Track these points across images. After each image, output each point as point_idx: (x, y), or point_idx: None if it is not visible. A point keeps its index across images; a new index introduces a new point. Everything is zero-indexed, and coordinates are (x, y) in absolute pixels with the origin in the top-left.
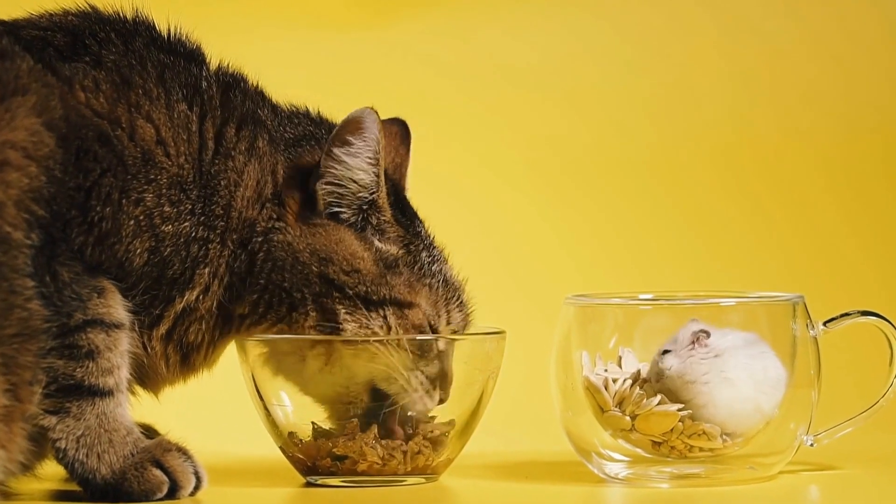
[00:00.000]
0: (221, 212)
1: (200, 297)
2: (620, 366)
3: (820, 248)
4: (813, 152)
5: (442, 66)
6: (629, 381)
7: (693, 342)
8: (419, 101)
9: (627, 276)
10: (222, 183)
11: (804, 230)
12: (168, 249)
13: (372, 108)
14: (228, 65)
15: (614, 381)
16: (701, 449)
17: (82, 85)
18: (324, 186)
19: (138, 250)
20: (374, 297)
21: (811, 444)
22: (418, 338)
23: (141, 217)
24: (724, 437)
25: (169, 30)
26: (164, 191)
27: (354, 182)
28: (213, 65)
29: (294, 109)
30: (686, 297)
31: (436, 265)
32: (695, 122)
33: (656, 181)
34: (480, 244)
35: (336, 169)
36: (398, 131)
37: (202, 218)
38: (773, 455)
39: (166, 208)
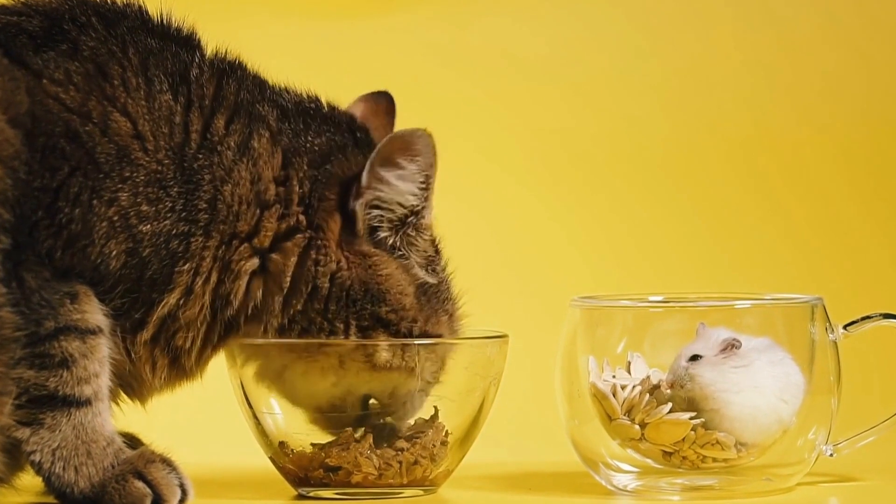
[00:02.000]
0: (205, 205)
1: (183, 300)
2: (629, 371)
3: (840, 246)
4: (834, 145)
5: (443, 55)
6: (638, 388)
7: (725, 350)
8: (419, 91)
9: (637, 277)
10: (206, 178)
11: (824, 228)
12: (147, 250)
13: (427, 131)
14: (225, 52)
15: (623, 387)
16: (714, 459)
17: (52, 78)
18: (367, 210)
19: (114, 252)
20: (411, 335)
21: (831, 455)
22: (417, 342)
23: (115, 217)
24: (739, 446)
25: (161, 14)
26: (142, 188)
27: (401, 206)
28: (210, 52)
29: (305, 106)
30: (699, 298)
31: (447, 282)
32: (710, 113)
33: (668, 176)
34: (482, 242)
35: (381, 190)
36: (386, 107)
37: (183, 214)
38: (790, 466)
39: (143, 207)
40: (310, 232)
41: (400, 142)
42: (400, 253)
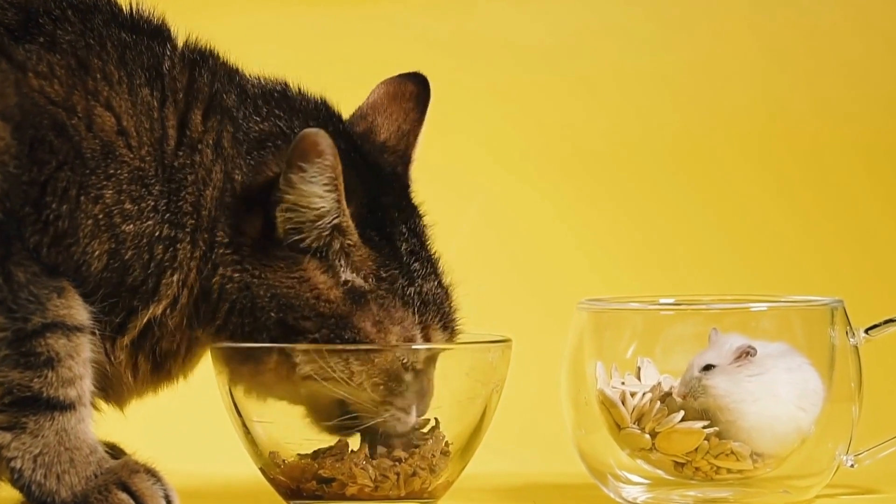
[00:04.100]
0: (190, 209)
1: (168, 310)
2: (639, 378)
3: (861, 246)
4: (854, 139)
5: (441, 45)
6: (649, 395)
7: (739, 358)
8: None
9: (647, 278)
10: (189, 178)
11: (844, 226)
12: (129, 252)
13: (322, 130)
14: (196, 40)
15: (632, 394)
16: (729, 470)
17: (36, 70)
18: (282, 213)
19: (96, 252)
20: (338, 342)
21: (851, 465)
22: (415, 346)
23: (100, 215)
24: (755, 457)
25: (131, 4)
26: (125, 186)
27: (312, 209)
28: (181, 42)
29: (268, 89)
30: (712, 301)
31: (413, 286)
32: (723, 105)
33: (679, 171)
34: (483, 242)
35: (291, 195)
36: (413, 91)
37: (167, 215)
38: (809, 477)
39: (127, 206)
40: (231, 234)
41: (305, 142)
42: (321, 255)
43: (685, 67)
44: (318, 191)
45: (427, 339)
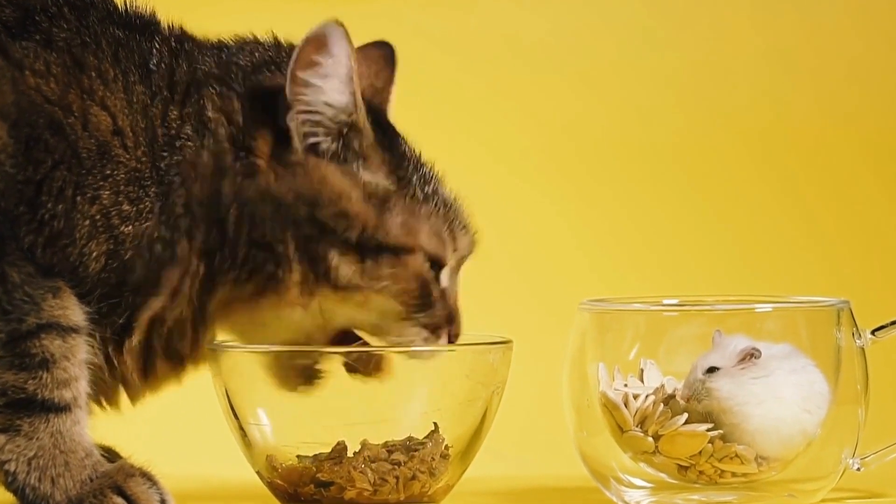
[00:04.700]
0: (182, 210)
1: (171, 300)
2: (642, 380)
3: (868, 246)
4: (860, 138)
5: (442, 42)
6: (652, 398)
7: (743, 360)
8: (413, 80)
9: (650, 279)
10: (177, 180)
11: (850, 225)
12: (129, 253)
13: (338, 22)
14: (177, 27)
15: (635, 397)
16: (733, 474)
17: (33, 68)
18: (296, 116)
19: (94, 254)
20: (369, 244)
21: (858, 469)
22: (419, 349)
23: (97, 217)
24: (760, 460)
25: (125, 2)
26: (122, 187)
27: (329, 105)
28: (165, 32)
29: (245, 39)
30: (716, 301)
31: (429, 186)
32: (727, 105)
33: (682, 171)
34: (483, 241)
35: (305, 94)
36: (381, 54)
37: (163, 217)
38: (814, 481)
39: (125, 207)
40: (241, 156)
41: (314, 41)
42: (340, 159)
43: (689, 65)
44: (336, 84)
45: (454, 238)
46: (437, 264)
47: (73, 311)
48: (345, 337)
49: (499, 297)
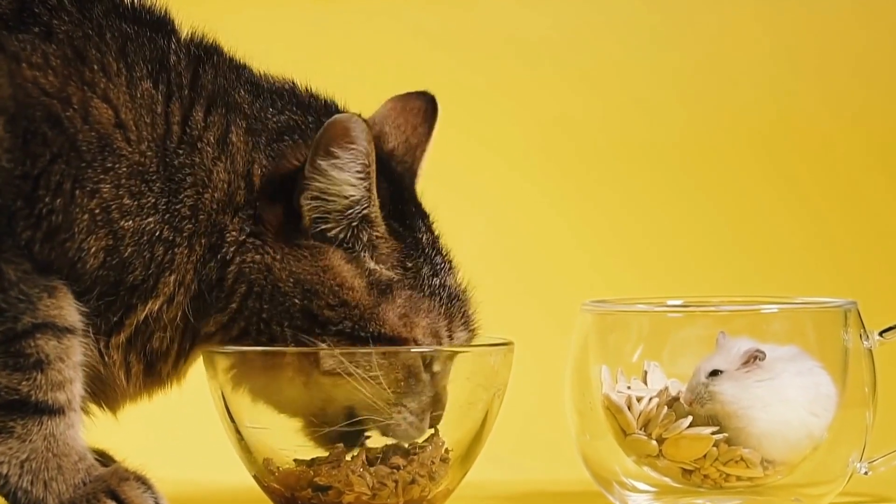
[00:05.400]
0: (189, 213)
1: (164, 306)
2: (646, 382)
3: (875, 246)
4: (866, 136)
5: (443, 41)
6: (656, 400)
7: (747, 363)
8: (413, 78)
9: (654, 279)
10: (188, 180)
11: (857, 225)
12: (129, 250)
13: (359, 116)
14: (201, 35)
15: (639, 399)
16: (738, 478)
17: (30, 61)
18: (309, 202)
19: (93, 249)
20: (362, 334)
21: (865, 473)
22: (414, 349)
23: (97, 210)
24: (766, 464)
25: None
26: (124, 181)
27: (343, 197)
28: (185, 35)
29: (278, 86)
30: (721, 302)
31: (438, 278)
32: (732, 104)
33: (686, 170)
34: (484, 241)
35: (320, 182)
36: (421, 107)
37: (167, 216)
38: (821, 485)
39: (126, 201)
40: (251, 224)
41: (338, 128)
42: (347, 246)
43: (693, 64)
44: (350, 178)
45: (451, 335)
46: (427, 360)
47: (69, 312)
48: None
49: (500, 298)
